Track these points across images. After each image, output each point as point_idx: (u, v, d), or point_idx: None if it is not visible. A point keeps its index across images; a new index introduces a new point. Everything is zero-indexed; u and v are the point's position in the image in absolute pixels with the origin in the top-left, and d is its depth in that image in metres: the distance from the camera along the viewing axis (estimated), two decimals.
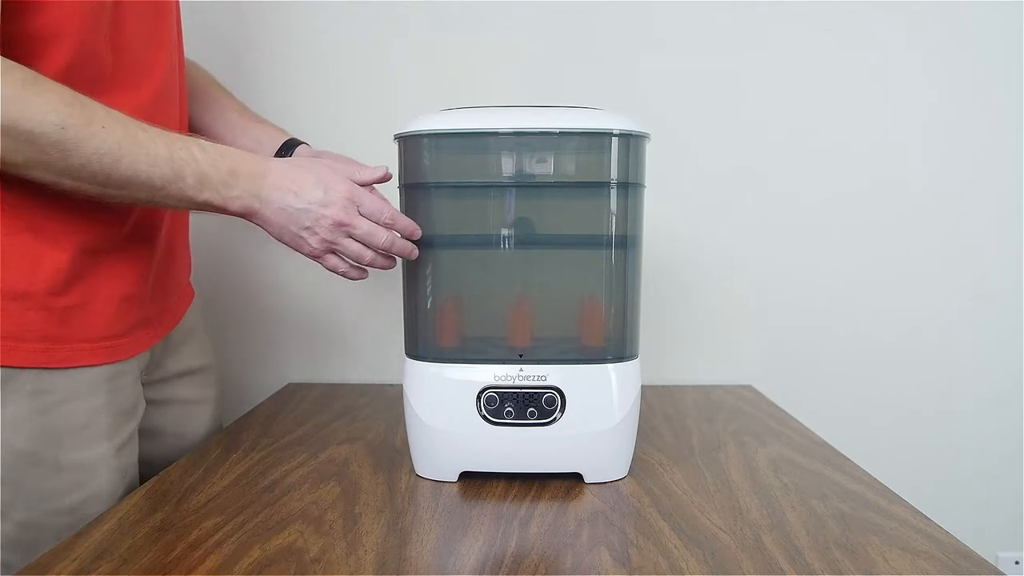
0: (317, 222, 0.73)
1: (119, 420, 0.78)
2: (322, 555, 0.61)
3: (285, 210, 0.73)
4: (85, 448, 0.74)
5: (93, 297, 0.74)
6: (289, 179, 0.73)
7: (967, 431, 1.23)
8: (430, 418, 0.77)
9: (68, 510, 0.73)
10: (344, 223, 0.74)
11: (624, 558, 0.61)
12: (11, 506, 0.70)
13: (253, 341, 1.23)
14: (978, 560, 0.61)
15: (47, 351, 0.70)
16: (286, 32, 1.17)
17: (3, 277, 0.68)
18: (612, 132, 0.75)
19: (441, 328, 0.79)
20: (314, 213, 0.73)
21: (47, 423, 0.71)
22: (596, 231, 0.77)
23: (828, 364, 1.23)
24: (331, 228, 0.74)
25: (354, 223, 0.74)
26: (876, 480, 0.78)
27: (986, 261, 1.21)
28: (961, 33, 1.17)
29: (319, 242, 0.75)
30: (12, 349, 0.68)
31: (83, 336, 0.73)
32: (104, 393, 0.75)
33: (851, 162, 1.20)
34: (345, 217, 0.74)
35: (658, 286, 1.20)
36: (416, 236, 0.76)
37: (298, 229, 0.74)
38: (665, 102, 1.19)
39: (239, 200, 0.72)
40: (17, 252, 0.69)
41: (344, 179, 0.75)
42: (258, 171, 0.72)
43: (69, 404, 0.72)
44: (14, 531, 0.71)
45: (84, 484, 0.74)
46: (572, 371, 0.76)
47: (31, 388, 0.70)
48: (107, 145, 0.65)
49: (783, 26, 1.17)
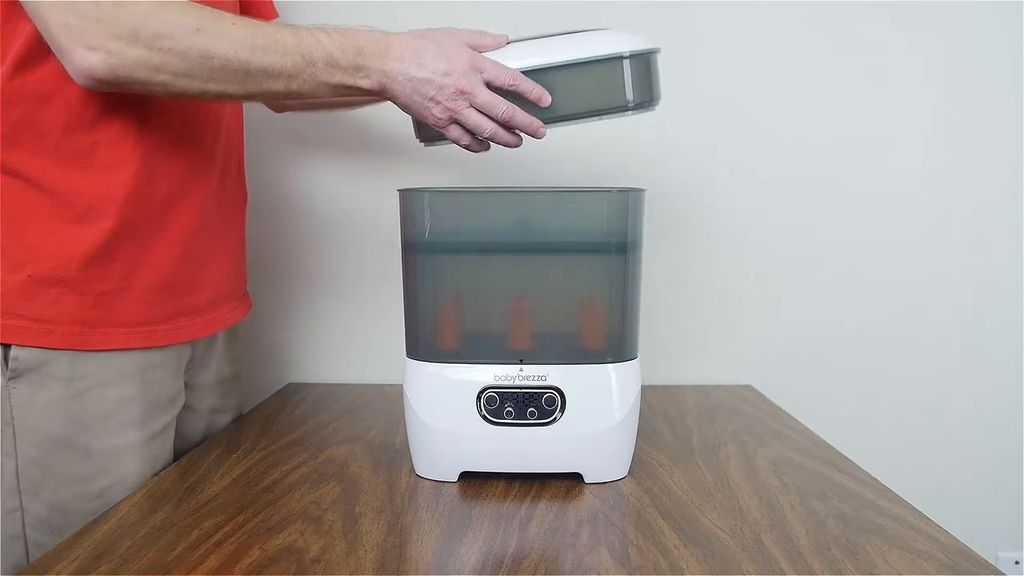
0: (441, 91, 0.73)
1: (151, 410, 0.80)
2: (322, 555, 0.61)
3: (411, 81, 0.73)
4: (113, 436, 0.76)
5: (129, 282, 0.76)
6: (412, 50, 0.73)
7: (967, 431, 1.23)
8: (430, 418, 0.77)
9: (96, 495, 0.75)
10: (466, 91, 0.74)
11: (624, 558, 0.61)
12: (42, 487, 0.74)
13: (253, 341, 1.22)
14: (978, 560, 0.61)
15: (81, 334, 0.73)
16: None
17: (38, 262, 0.71)
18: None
19: (441, 328, 0.79)
20: (437, 82, 0.73)
21: (78, 408, 0.74)
22: (597, 233, 0.77)
23: (828, 364, 1.23)
24: (454, 96, 0.74)
25: (475, 91, 0.74)
26: (876, 480, 0.78)
27: (987, 261, 1.21)
28: (961, 33, 1.17)
29: (442, 111, 0.74)
30: (48, 332, 0.72)
31: (118, 321, 0.76)
32: (136, 383, 0.78)
33: (851, 162, 1.20)
34: (467, 85, 0.73)
35: (658, 286, 1.20)
36: (544, 103, 0.75)
37: (423, 99, 0.74)
38: (665, 102, 1.19)
39: (368, 79, 0.73)
40: (51, 237, 0.72)
41: (465, 47, 0.75)
42: (381, 47, 0.73)
43: (100, 391, 0.75)
44: (45, 512, 0.74)
45: (110, 471, 0.76)
46: (572, 371, 0.76)
47: (65, 373, 0.73)
48: (240, 40, 0.67)
49: (784, 26, 1.17)
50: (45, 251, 0.72)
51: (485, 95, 0.74)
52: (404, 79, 0.73)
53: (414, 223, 0.77)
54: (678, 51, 1.18)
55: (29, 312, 0.71)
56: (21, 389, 0.72)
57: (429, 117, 0.75)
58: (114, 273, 0.75)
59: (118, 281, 0.75)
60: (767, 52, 1.18)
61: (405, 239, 0.78)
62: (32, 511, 0.74)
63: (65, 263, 0.72)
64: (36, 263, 0.71)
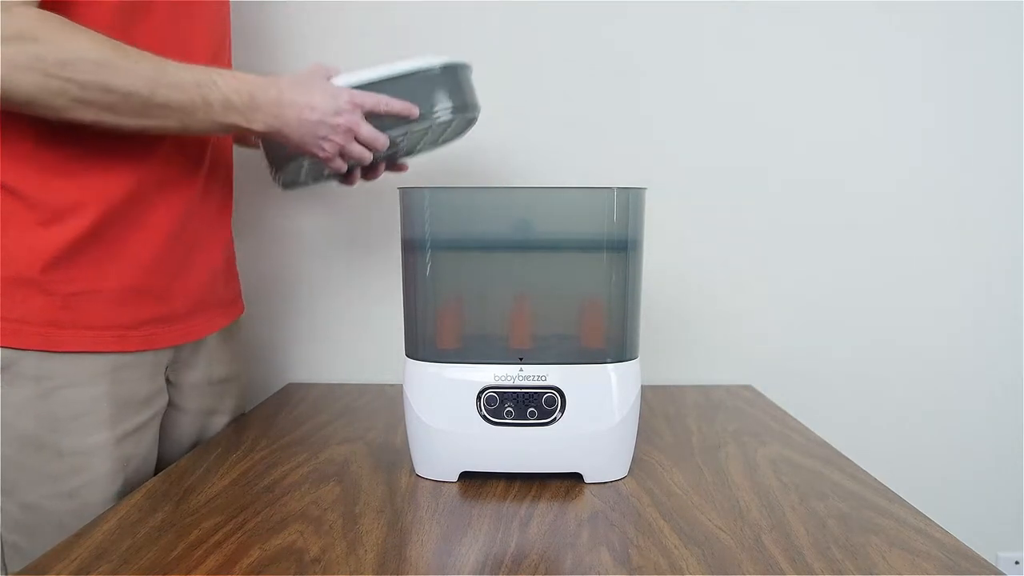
0: (333, 130, 0.80)
1: (123, 410, 0.79)
2: (322, 555, 0.61)
3: (304, 124, 0.79)
4: (84, 435, 0.76)
5: (99, 285, 0.76)
6: (301, 95, 0.79)
7: (967, 431, 1.23)
8: (430, 418, 0.77)
9: (68, 495, 0.75)
10: (352, 127, 0.81)
11: (624, 558, 0.61)
12: (15, 487, 0.74)
13: (253, 341, 1.22)
14: (978, 560, 0.61)
15: (49, 335, 0.74)
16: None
17: (6, 263, 0.72)
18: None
19: (441, 328, 0.79)
20: (329, 122, 0.80)
21: (48, 408, 0.74)
22: (597, 233, 0.77)
23: (828, 364, 1.23)
24: (343, 133, 0.81)
25: (359, 127, 0.81)
26: (876, 480, 0.78)
27: (986, 260, 1.21)
28: (961, 34, 1.17)
29: (333, 146, 0.81)
30: (16, 332, 0.72)
31: (86, 323, 0.76)
32: (107, 383, 0.77)
33: (852, 163, 1.20)
34: (353, 122, 0.81)
35: (658, 286, 1.20)
36: (413, 116, 0.83)
37: (315, 138, 0.80)
38: (665, 103, 1.19)
39: (261, 122, 0.78)
40: (21, 239, 0.72)
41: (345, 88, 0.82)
42: (272, 94, 0.78)
43: (69, 391, 0.75)
44: (18, 512, 0.74)
45: (82, 470, 0.76)
46: (572, 371, 0.76)
47: (34, 373, 0.73)
48: (142, 77, 0.70)
49: (783, 28, 1.17)
50: (15, 252, 0.72)
51: (367, 130, 0.82)
52: (297, 123, 0.79)
53: (414, 222, 0.77)
54: (678, 51, 1.18)
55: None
56: None
57: (320, 152, 0.81)
58: (82, 275, 0.75)
59: (87, 283, 0.75)
60: (767, 53, 1.18)
61: (405, 238, 0.78)
62: (6, 511, 0.74)
63: (32, 263, 0.72)
64: (4, 264, 0.72)
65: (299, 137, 0.80)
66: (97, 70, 0.67)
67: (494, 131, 1.19)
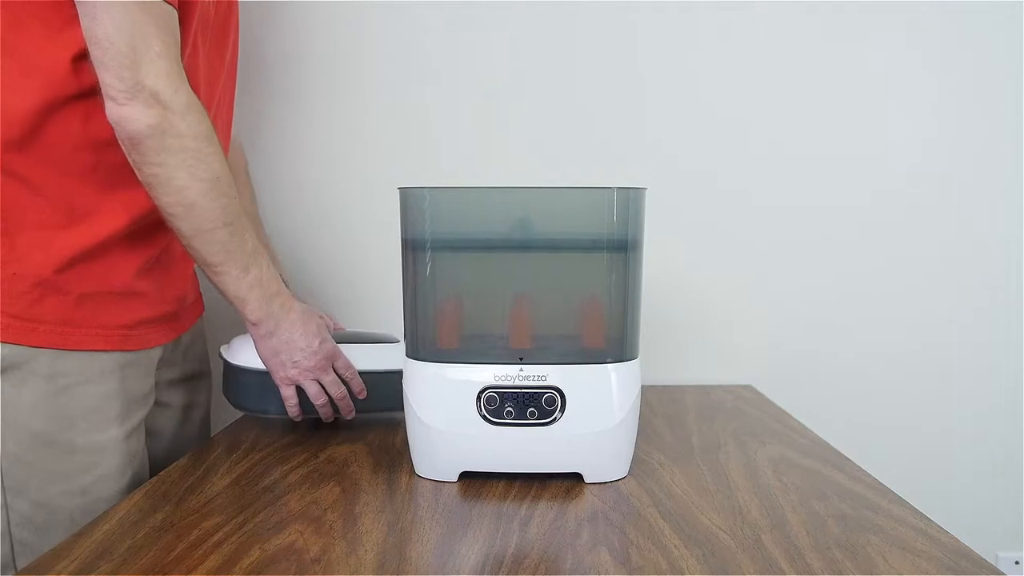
0: (303, 360, 0.85)
1: (130, 407, 0.82)
2: (322, 555, 0.61)
3: (288, 343, 0.84)
4: (96, 431, 0.78)
5: (107, 287, 0.78)
6: (302, 322, 0.85)
7: (967, 431, 1.23)
8: (430, 418, 0.77)
9: (80, 491, 0.77)
10: (319, 369, 0.87)
11: (624, 558, 0.61)
12: (26, 485, 0.75)
13: None
14: (978, 560, 0.61)
15: (63, 334, 0.75)
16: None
17: (22, 261, 0.73)
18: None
19: (441, 328, 0.79)
20: (305, 353, 0.85)
21: (61, 405, 0.76)
22: (598, 232, 0.77)
23: (828, 364, 1.23)
24: (309, 369, 0.86)
25: (325, 372, 0.87)
26: (876, 480, 0.78)
27: (986, 262, 1.21)
28: (961, 34, 1.17)
29: (296, 375, 0.86)
30: (31, 330, 0.74)
31: (97, 322, 0.78)
32: (116, 380, 0.80)
33: (852, 164, 1.20)
34: (323, 365, 0.87)
35: (658, 286, 1.19)
36: (363, 396, 0.91)
37: (285, 359, 0.85)
38: (665, 104, 1.19)
39: (261, 312, 0.82)
40: (39, 239, 0.74)
41: (332, 341, 0.88)
42: (287, 305, 0.84)
43: (82, 387, 0.77)
44: (29, 510, 0.75)
45: (94, 466, 0.78)
46: (572, 371, 0.76)
47: (47, 371, 0.75)
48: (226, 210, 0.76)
49: (783, 29, 1.17)
50: (31, 251, 0.74)
51: (331, 377, 0.88)
52: (286, 336, 0.84)
53: (414, 222, 0.77)
54: (678, 52, 1.18)
55: (11, 309, 0.73)
56: (4, 386, 0.73)
57: (279, 372, 0.86)
58: (94, 276, 0.77)
59: (97, 284, 0.77)
60: (767, 54, 1.18)
61: (405, 237, 0.78)
62: (16, 509, 0.74)
63: (47, 263, 0.74)
64: (20, 262, 0.73)
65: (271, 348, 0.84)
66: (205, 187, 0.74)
67: (494, 131, 1.19)
